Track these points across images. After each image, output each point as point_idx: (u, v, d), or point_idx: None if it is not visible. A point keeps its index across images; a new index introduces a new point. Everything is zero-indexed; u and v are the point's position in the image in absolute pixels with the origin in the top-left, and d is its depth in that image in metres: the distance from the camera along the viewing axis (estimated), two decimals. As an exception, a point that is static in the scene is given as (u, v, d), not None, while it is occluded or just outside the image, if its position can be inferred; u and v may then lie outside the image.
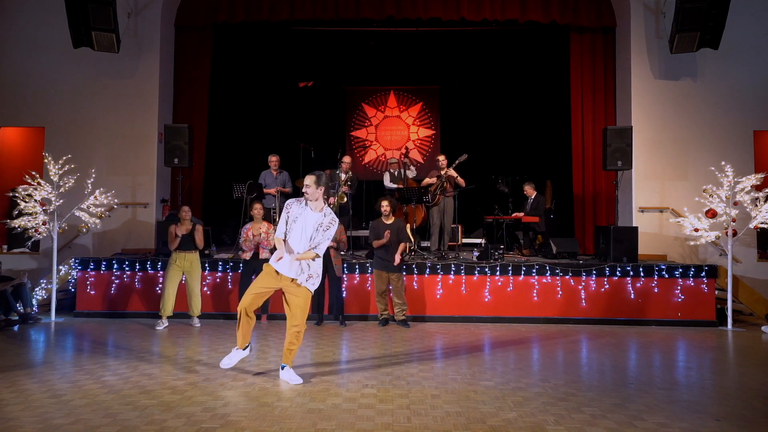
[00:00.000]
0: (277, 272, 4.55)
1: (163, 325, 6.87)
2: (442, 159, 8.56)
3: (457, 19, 9.60)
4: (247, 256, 7.19)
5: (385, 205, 7.17)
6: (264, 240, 7.19)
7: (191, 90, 9.96)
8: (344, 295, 7.32)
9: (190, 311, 7.07)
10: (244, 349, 4.77)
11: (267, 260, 7.17)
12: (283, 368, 4.64)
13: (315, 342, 6.13)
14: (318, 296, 7.08)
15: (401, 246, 7.09)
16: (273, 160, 8.78)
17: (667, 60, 9.10)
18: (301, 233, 4.49)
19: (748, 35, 9.03)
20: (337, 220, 4.60)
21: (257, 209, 7.28)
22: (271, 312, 7.42)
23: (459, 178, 8.47)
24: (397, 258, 7.00)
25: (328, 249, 6.94)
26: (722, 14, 8.27)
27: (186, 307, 7.13)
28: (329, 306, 7.30)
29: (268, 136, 11.13)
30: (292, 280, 4.52)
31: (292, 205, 4.57)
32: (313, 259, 4.53)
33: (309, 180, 4.50)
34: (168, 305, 6.90)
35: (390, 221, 7.11)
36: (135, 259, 7.77)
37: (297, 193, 9.29)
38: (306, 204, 4.56)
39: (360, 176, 10.52)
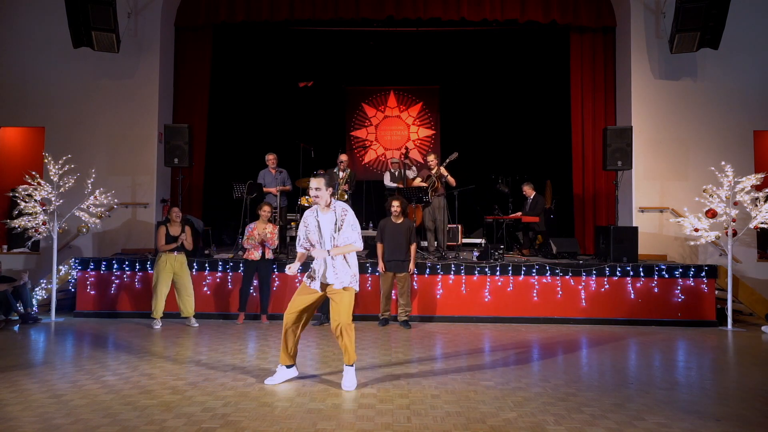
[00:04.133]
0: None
1: (158, 324, 6.87)
2: (432, 158, 8.54)
3: (457, 19, 9.61)
4: (254, 255, 7.16)
5: (395, 205, 7.12)
6: (269, 239, 7.17)
7: (191, 90, 9.97)
8: None
9: (182, 312, 7.01)
10: (289, 368, 4.62)
11: (271, 260, 7.27)
12: (344, 369, 4.49)
13: (315, 342, 6.13)
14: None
15: (414, 250, 7.08)
16: (270, 158, 8.77)
17: (667, 60, 9.10)
18: (324, 237, 4.46)
19: (748, 35, 9.04)
20: (348, 207, 4.53)
21: (265, 211, 7.27)
22: (271, 312, 7.42)
23: (449, 177, 8.40)
24: (411, 266, 7.05)
25: None
26: (722, 14, 8.27)
27: (177, 307, 7.08)
28: None
29: (268, 136, 11.13)
30: (328, 286, 4.47)
31: (308, 218, 4.55)
32: (347, 255, 4.47)
33: (318, 183, 4.41)
34: (159, 307, 6.89)
35: (399, 221, 7.08)
36: (135, 259, 7.77)
37: (297, 191, 9.32)
38: (317, 209, 4.54)
39: (360, 176, 10.52)
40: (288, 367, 4.60)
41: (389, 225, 7.10)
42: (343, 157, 8.76)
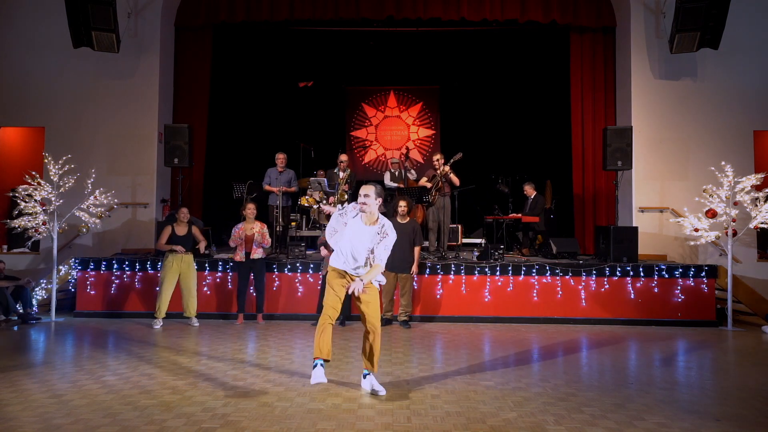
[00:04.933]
0: (344, 272, 4.31)
1: (159, 324, 6.88)
2: (438, 158, 8.54)
3: (457, 19, 9.61)
4: (239, 257, 7.17)
5: (402, 205, 7.08)
6: (259, 239, 7.16)
7: (191, 90, 9.96)
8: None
9: (185, 312, 7.04)
10: (327, 360, 4.33)
11: (259, 259, 7.23)
12: (365, 376, 4.37)
13: (315, 342, 6.12)
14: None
15: (417, 252, 7.07)
16: (280, 158, 8.73)
17: (667, 60, 9.10)
18: (352, 243, 4.25)
19: (748, 35, 9.03)
20: (391, 226, 4.33)
21: (250, 209, 7.26)
22: (268, 312, 7.42)
23: (453, 175, 8.42)
24: (415, 268, 7.04)
25: None
26: (722, 14, 8.27)
27: (180, 307, 7.11)
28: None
29: (268, 136, 11.14)
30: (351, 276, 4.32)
31: (350, 219, 4.31)
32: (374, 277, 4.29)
33: (368, 190, 4.22)
34: (163, 306, 6.91)
35: (405, 221, 7.05)
36: (135, 259, 7.77)
37: (299, 192, 9.32)
38: (358, 215, 4.29)
39: (360, 176, 10.51)
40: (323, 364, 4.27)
41: (394, 225, 7.08)
42: (344, 157, 8.76)
